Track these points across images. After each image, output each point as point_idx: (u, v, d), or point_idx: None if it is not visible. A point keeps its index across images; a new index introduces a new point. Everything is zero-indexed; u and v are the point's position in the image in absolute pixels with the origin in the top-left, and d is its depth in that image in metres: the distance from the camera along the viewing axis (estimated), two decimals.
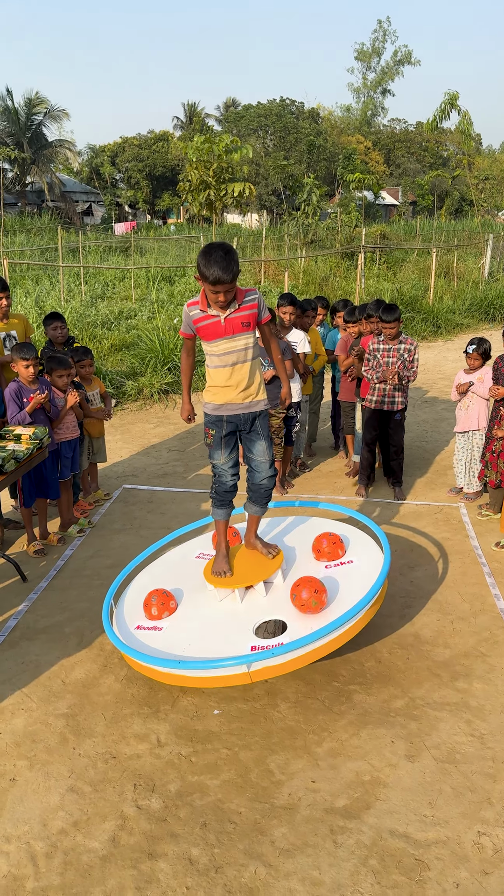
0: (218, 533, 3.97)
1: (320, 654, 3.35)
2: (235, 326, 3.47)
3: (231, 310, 3.44)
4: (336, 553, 3.99)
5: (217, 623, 3.67)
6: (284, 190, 42.81)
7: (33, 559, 5.07)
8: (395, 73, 57.49)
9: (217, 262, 3.22)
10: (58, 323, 5.94)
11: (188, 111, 58.96)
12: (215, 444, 3.75)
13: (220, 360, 3.54)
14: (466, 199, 48.26)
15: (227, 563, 3.88)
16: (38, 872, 2.63)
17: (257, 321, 3.57)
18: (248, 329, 3.52)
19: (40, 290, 15.17)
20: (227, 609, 3.77)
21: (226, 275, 3.24)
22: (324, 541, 4.02)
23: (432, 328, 14.60)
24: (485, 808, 2.89)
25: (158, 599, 3.79)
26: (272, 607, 3.70)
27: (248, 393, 3.63)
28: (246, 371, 3.57)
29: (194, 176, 12.45)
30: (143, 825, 2.82)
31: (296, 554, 4.13)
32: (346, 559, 3.97)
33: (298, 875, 2.60)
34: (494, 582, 4.72)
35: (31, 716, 3.45)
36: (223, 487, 3.86)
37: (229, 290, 3.34)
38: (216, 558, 3.93)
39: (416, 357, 5.88)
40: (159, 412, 8.98)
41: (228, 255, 3.25)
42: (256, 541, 4.00)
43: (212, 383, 3.65)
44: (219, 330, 3.47)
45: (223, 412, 3.66)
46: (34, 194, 43.29)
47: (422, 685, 3.67)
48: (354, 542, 4.16)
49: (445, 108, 18.46)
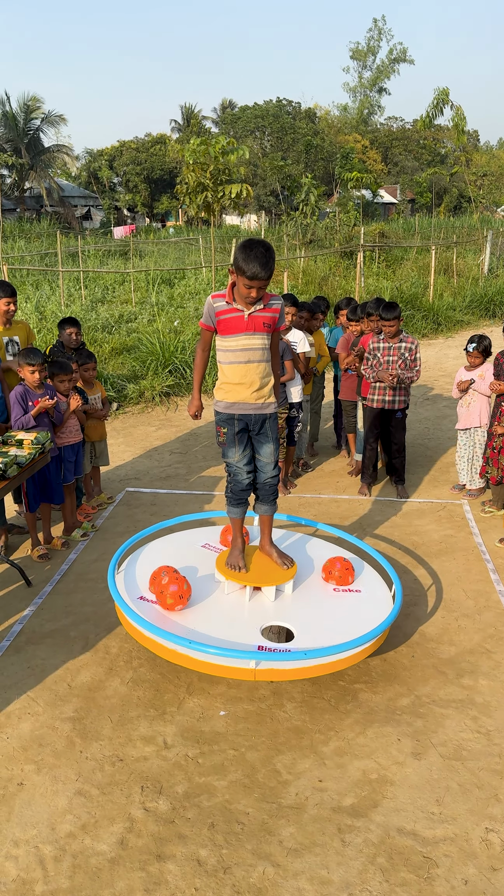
0: (234, 529, 3.97)
1: (326, 671, 3.38)
2: (258, 325, 3.53)
3: (256, 307, 3.50)
4: (346, 579, 4.00)
5: (223, 613, 3.69)
6: (282, 190, 42.81)
7: (38, 564, 5.08)
8: (391, 71, 57.52)
9: (258, 258, 3.28)
10: (73, 329, 5.95)
11: (185, 114, 59.03)
12: (229, 442, 3.76)
13: (237, 355, 3.57)
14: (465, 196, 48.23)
15: (243, 558, 3.90)
16: (47, 876, 2.63)
17: (276, 326, 3.64)
18: (268, 330, 3.59)
19: (40, 295, 15.21)
20: (234, 603, 3.79)
21: (264, 272, 3.31)
22: (337, 563, 4.03)
23: (433, 326, 14.60)
24: (492, 805, 2.89)
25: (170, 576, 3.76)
26: (278, 614, 3.71)
27: (262, 394, 3.66)
28: (261, 371, 3.62)
29: (191, 178, 12.47)
30: (151, 827, 2.83)
31: (304, 571, 4.13)
32: (355, 588, 4.00)
33: (307, 874, 2.61)
34: (499, 578, 4.72)
35: (37, 720, 3.45)
36: (239, 486, 3.86)
37: (262, 287, 3.41)
38: (232, 552, 3.94)
39: (417, 356, 5.88)
40: (161, 415, 8.99)
41: (268, 252, 3.32)
42: (272, 548, 3.99)
43: (224, 380, 3.66)
44: (241, 325, 3.52)
45: (235, 410, 3.68)
46: (33, 200, 43.38)
47: (427, 683, 3.67)
48: (365, 574, 4.18)
49: (438, 104, 18.51)
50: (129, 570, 4.12)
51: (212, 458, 7.28)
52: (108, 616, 4.32)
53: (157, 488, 6.47)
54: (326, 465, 7.11)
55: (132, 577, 4.04)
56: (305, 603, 3.80)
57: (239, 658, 3.25)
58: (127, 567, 4.17)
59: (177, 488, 6.46)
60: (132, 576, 4.05)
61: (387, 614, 3.69)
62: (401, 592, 3.92)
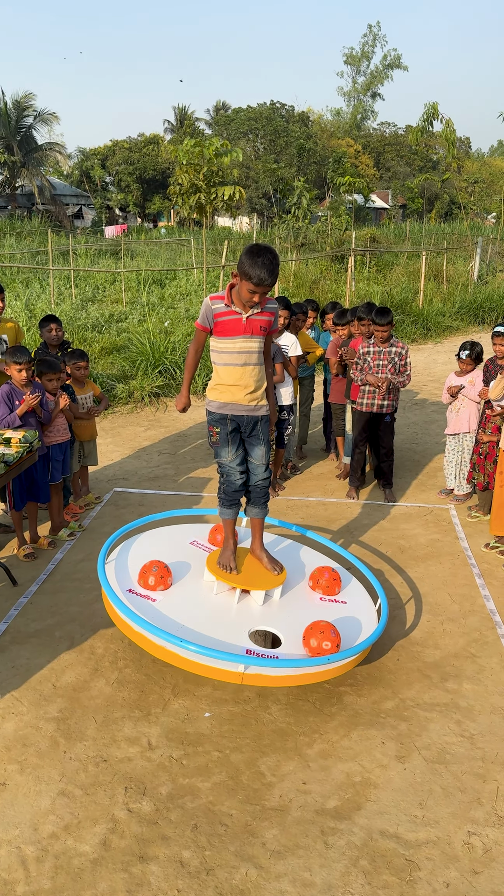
0: (226, 530, 3.96)
1: (312, 680, 3.38)
2: (255, 328, 3.55)
3: (254, 311, 3.52)
4: (333, 590, 4.00)
5: (211, 614, 3.68)
6: (275, 193, 42.93)
7: (23, 563, 5.05)
8: (385, 76, 57.82)
9: (265, 265, 3.29)
10: (53, 325, 5.94)
11: (179, 115, 59.06)
12: (221, 441, 3.75)
13: (233, 357, 3.58)
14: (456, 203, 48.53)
15: (235, 559, 3.89)
16: (29, 876, 2.62)
17: (271, 329, 3.66)
18: (264, 333, 3.61)
19: (30, 293, 15.14)
20: (222, 604, 3.79)
21: (271, 278, 3.33)
22: (325, 573, 4.03)
23: (422, 331, 14.67)
24: (475, 808, 2.91)
25: (158, 571, 3.79)
26: (265, 618, 3.70)
27: (255, 396, 3.68)
28: (255, 373, 3.64)
29: (184, 179, 12.45)
30: (135, 828, 2.82)
31: (292, 578, 4.13)
32: (341, 598, 4.00)
33: (289, 876, 2.61)
34: (484, 583, 4.75)
35: (21, 720, 3.44)
36: (232, 487, 3.85)
37: (265, 293, 3.43)
38: (223, 552, 3.92)
39: (408, 361, 5.91)
40: (150, 415, 8.97)
41: (275, 259, 3.32)
42: (262, 553, 3.98)
43: (219, 381, 3.67)
44: (239, 328, 3.53)
45: (227, 411, 3.68)
46: (24, 197, 43.17)
47: (412, 686, 3.69)
48: (352, 586, 4.18)
49: (428, 118, 18.85)
50: (118, 563, 4.09)
51: (200, 459, 7.28)
52: (94, 616, 4.31)
53: (145, 489, 6.46)
54: (315, 467, 7.12)
55: (123, 569, 4.01)
56: (292, 610, 3.79)
57: (228, 661, 3.24)
58: (116, 559, 4.15)
59: (165, 489, 6.46)
60: (123, 568, 4.02)
61: (370, 630, 3.70)
62: (386, 609, 3.92)
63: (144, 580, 3.81)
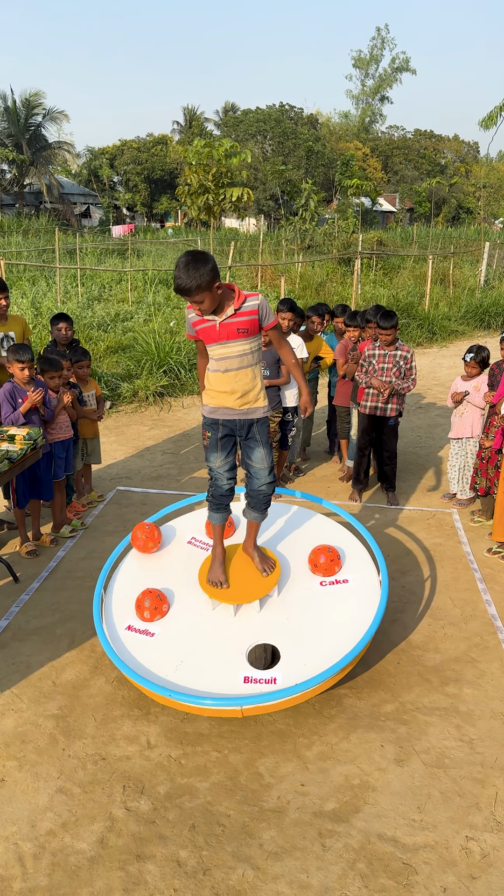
0: (214, 537, 3.88)
1: (312, 695, 3.34)
2: (230, 332, 3.39)
3: (226, 315, 3.36)
4: (332, 569, 3.92)
5: (210, 633, 3.61)
6: (282, 195, 42.93)
7: (25, 560, 5.06)
8: (394, 80, 57.87)
9: (178, 268, 3.12)
10: (64, 324, 5.96)
11: (188, 115, 59.17)
12: (211, 446, 3.70)
13: (216, 364, 3.49)
14: (464, 207, 48.52)
15: (224, 572, 3.80)
16: (26, 873, 2.62)
17: (260, 327, 3.47)
18: (246, 335, 3.41)
19: (37, 291, 15.17)
20: (221, 619, 3.70)
21: (186, 283, 3.11)
22: (321, 556, 3.92)
23: (428, 335, 14.65)
24: (473, 813, 2.90)
25: (152, 603, 3.70)
26: (265, 627, 3.62)
27: (246, 400, 3.55)
28: (243, 378, 3.50)
29: (193, 179, 12.47)
30: (132, 827, 2.82)
31: (290, 565, 4.07)
32: (342, 577, 3.92)
33: (286, 878, 2.60)
34: (486, 588, 4.74)
35: (21, 716, 3.44)
36: (219, 491, 3.79)
37: (200, 302, 3.23)
38: (212, 566, 3.83)
39: (413, 364, 5.90)
40: (154, 415, 8.98)
41: (191, 264, 3.10)
42: (254, 551, 3.91)
43: (209, 387, 3.61)
44: (213, 335, 3.41)
45: (218, 416, 3.61)
46: (32, 196, 43.30)
47: (412, 690, 3.68)
48: (351, 558, 4.08)
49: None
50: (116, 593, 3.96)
51: (203, 459, 7.28)
52: None
53: (147, 488, 6.47)
54: (318, 469, 7.12)
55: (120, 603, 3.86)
56: (292, 609, 3.73)
57: (224, 706, 3.14)
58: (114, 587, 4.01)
59: (168, 488, 6.46)
60: (120, 602, 3.87)
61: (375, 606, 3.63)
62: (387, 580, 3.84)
63: (140, 613, 3.70)
